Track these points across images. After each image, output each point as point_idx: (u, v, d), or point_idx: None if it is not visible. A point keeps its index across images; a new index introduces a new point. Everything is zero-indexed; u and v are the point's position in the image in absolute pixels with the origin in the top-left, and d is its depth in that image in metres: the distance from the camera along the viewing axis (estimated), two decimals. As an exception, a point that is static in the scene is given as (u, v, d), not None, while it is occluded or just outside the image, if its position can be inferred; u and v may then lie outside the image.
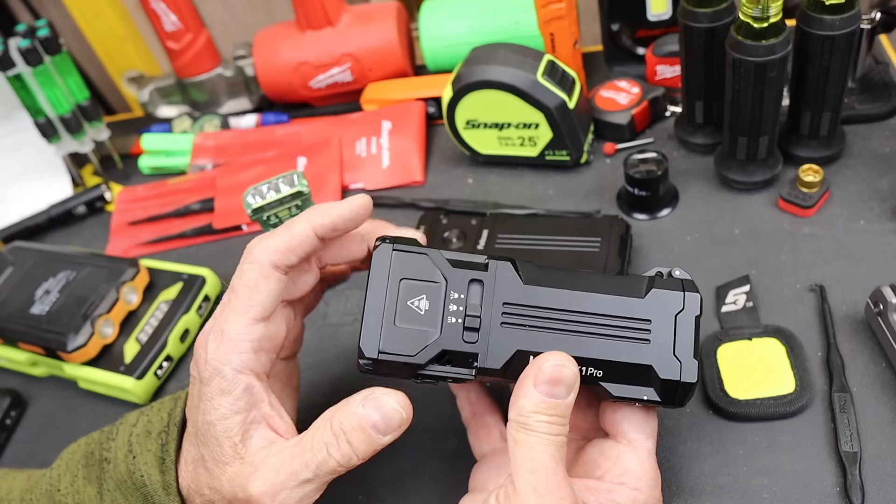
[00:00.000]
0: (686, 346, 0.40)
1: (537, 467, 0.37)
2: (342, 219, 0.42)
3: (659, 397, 0.40)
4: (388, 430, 0.39)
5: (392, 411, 0.39)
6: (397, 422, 0.39)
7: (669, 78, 0.74)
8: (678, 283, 0.42)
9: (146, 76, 0.94)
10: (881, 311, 0.50)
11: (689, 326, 0.41)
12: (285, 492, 0.38)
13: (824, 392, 0.50)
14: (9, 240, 0.80)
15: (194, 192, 0.79)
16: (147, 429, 0.44)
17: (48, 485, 0.46)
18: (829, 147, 0.64)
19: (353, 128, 0.80)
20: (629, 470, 0.40)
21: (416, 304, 0.40)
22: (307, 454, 0.38)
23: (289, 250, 0.41)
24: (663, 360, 0.40)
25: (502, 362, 0.40)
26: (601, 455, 0.42)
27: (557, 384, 0.38)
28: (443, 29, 0.83)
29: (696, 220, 0.63)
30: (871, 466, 0.46)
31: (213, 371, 0.40)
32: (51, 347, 0.61)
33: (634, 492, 0.40)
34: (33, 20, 0.88)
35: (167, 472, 0.42)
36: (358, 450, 0.38)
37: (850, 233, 0.59)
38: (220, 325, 0.41)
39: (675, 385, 0.40)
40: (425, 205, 0.71)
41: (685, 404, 0.41)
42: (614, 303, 0.41)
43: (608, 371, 0.40)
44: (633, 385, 0.40)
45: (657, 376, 0.40)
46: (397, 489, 0.51)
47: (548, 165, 0.71)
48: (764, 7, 0.54)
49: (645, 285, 0.41)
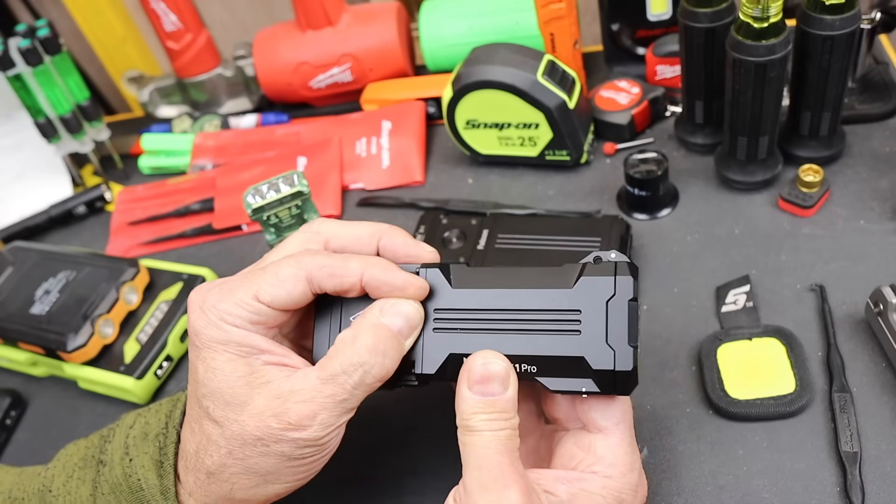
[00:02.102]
0: (619, 334, 0.39)
1: (482, 463, 0.37)
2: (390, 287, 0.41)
3: (598, 388, 0.39)
4: (409, 332, 0.40)
5: (413, 312, 0.40)
6: (417, 321, 0.41)
7: (669, 78, 0.74)
8: (610, 267, 0.40)
9: (146, 76, 0.94)
10: (881, 311, 0.50)
11: (622, 312, 0.39)
12: (324, 412, 0.38)
13: (824, 392, 0.50)
14: (9, 240, 0.80)
15: (194, 192, 0.79)
16: (144, 431, 0.43)
17: (41, 484, 0.45)
18: (829, 147, 0.64)
19: (353, 128, 0.80)
20: (601, 458, 0.40)
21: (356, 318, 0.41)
22: (341, 377, 0.39)
23: (331, 276, 0.41)
24: (595, 349, 0.39)
25: (436, 367, 0.41)
26: (575, 445, 0.41)
27: (489, 382, 0.38)
28: (443, 29, 0.83)
29: (696, 220, 0.63)
30: (871, 466, 0.46)
31: (209, 322, 0.40)
32: (51, 347, 0.61)
33: (606, 479, 0.39)
34: (33, 20, 0.88)
35: (165, 476, 0.41)
36: (394, 359, 0.40)
37: (850, 233, 0.59)
38: (230, 286, 0.41)
39: (611, 374, 0.39)
40: (425, 205, 0.71)
41: (629, 393, 0.40)
42: (542, 296, 0.40)
43: (541, 366, 0.40)
44: (569, 378, 0.39)
45: (590, 367, 0.39)
46: (397, 489, 0.51)
47: (548, 165, 0.71)
48: (764, 7, 0.54)
49: (576, 274, 0.40)
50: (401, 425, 0.54)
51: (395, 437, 0.54)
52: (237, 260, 0.72)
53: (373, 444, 0.54)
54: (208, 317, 0.40)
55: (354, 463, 0.53)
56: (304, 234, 0.44)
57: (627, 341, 0.39)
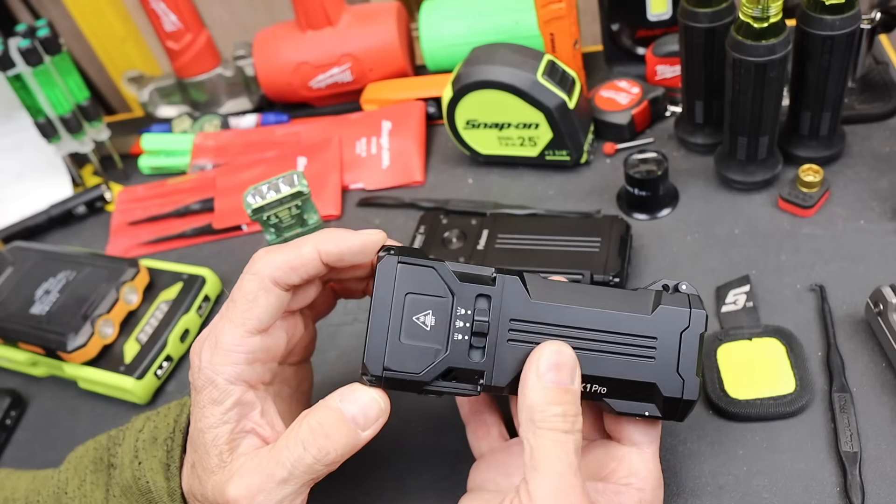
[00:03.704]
0: (689, 364, 0.40)
1: (555, 468, 0.36)
2: (351, 251, 0.41)
3: (660, 413, 0.41)
4: (366, 424, 0.38)
5: (370, 402, 0.38)
6: (375, 413, 0.38)
7: (669, 78, 0.74)
8: (685, 298, 0.41)
9: (146, 76, 0.94)
10: (881, 311, 0.50)
11: (694, 344, 0.41)
12: (262, 494, 0.37)
13: (824, 392, 0.50)
14: (9, 240, 0.80)
15: (194, 192, 0.79)
16: (153, 435, 0.44)
17: (56, 486, 0.46)
18: (829, 147, 0.64)
19: (353, 128, 0.80)
20: (635, 470, 0.41)
21: (421, 320, 0.40)
22: (283, 453, 0.38)
23: (292, 269, 0.40)
24: (667, 377, 0.40)
25: (508, 380, 0.40)
26: (606, 455, 0.42)
27: (560, 369, 0.38)
28: (443, 29, 0.83)
29: (696, 220, 0.63)
30: (871, 466, 0.46)
31: (205, 380, 0.39)
32: (51, 347, 0.61)
33: (640, 492, 0.40)
34: (33, 20, 0.88)
35: (172, 479, 0.42)
36: (337, 444, 0.38)
37: (850, 233, 0.59)
38: (216, 334, 0.40)
39: (677, 402, 0.40)
40: (425, 205, 0.71)
41: (684, 419, 0.41)
42: (621, 319, 0.40)
43: (612, 388, 0.40)
44: (635, 401, 0.41)
45: (660, 394, 0.40)
46: (397, 489, 0.51)
47: (548, 165, 0.71)
48: (764, 7, 0.54)
49: (652, 301, 0.41)
50: (402, 426, 0.54)
51: (395, 437, 0.54)
52: (237, 260, 0.72)
53: (373, 445, 0.54)
54: (205, 374, 0.40)
55: (355, 463, 0.53)
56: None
57: (696, 372, 0.40)
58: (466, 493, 0.46)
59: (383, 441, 0.54)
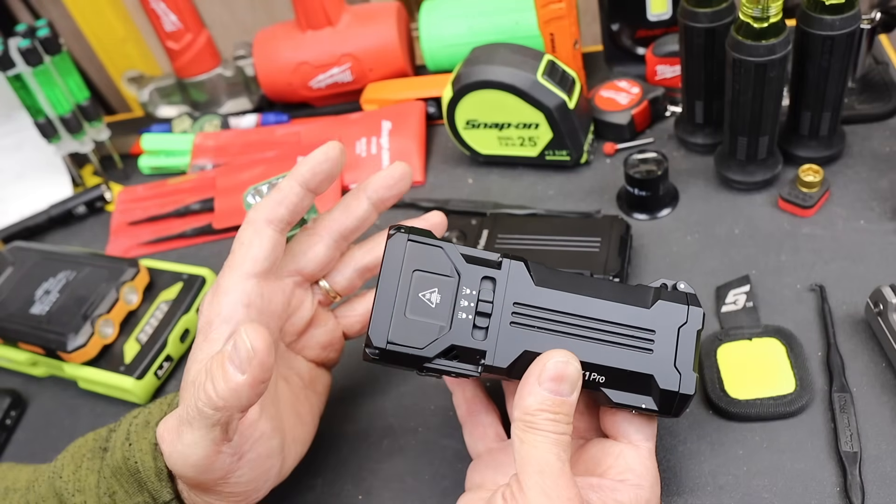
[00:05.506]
0: (687, 359, 0.41)
1: (545, 468, 0.37)
2: (317, 162, 0.45)
3: (656, 406, 0.41)
4: (241, 365, 0.37)
5: (240, 342, 0.37)
6: (244, 353, 0.36)
7: (669, 78, 0.74)
8: (683, 296, 0.42)
9: (146, 76, 0.94)
10: (881, 311, 0.50)
11: (691, 340, 0.41)
12: (169, 434, 0.40)
13: (824, 392, 0.50)
14: (9, 240, 0.80)
15: (194, 192, 0.79)
16: (146, 419, 0.44)
17: (51, 472, 0.46)
18: (829, 147, 0.64)
19: (353, 128, 0.80)
20: (632, 467, 0.41)
21: (427, 297, 0.40)
22: (185, 394, 0.40)
23: (277, 204, 0.44)
24: (664, 370, 0.41)
25: (509, 361, 0.40)
26: (602, 452, 0.42)
27: (562, 381, 0.38)
28: (443, 29, 0.83)
29: (696, 220, 0.63)
30: (871, 466, 0.46)
31: (204, 322, 0.43)
32: (51, 347, 0.61)
33: (637, 489, 0.40)
34: (33, 20, 0.88)
35: (159, 459, 0.42)
36: (218, 386, 0.37)
37: (850, 233, 0.59)
38: (217, 282, 0.44)
39: (674, 396, 0.41)
40: (425, 205, 0.71)
41: (680, 415, 0.41)
42: (621, 311, 0.41)
43: (610, 377, 0.41)
44: (632, 393, 0.41)
45: (657, 386, 0.40)
46: (397, 489, 0.51)
47: (548, 165, 0.71)
48: (764, 7, 0.54)
49: (651, 296, 0.42)
50: (401, 426, 0.54)
51: (395, 437, 0.54)
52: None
53: (373, 444, 0.54)
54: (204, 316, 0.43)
55: (355, 462, 0.53)
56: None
57: (692, 367, 0.41)
58: (464, 492, 0.46)
59: (383, 440, 0.54)
